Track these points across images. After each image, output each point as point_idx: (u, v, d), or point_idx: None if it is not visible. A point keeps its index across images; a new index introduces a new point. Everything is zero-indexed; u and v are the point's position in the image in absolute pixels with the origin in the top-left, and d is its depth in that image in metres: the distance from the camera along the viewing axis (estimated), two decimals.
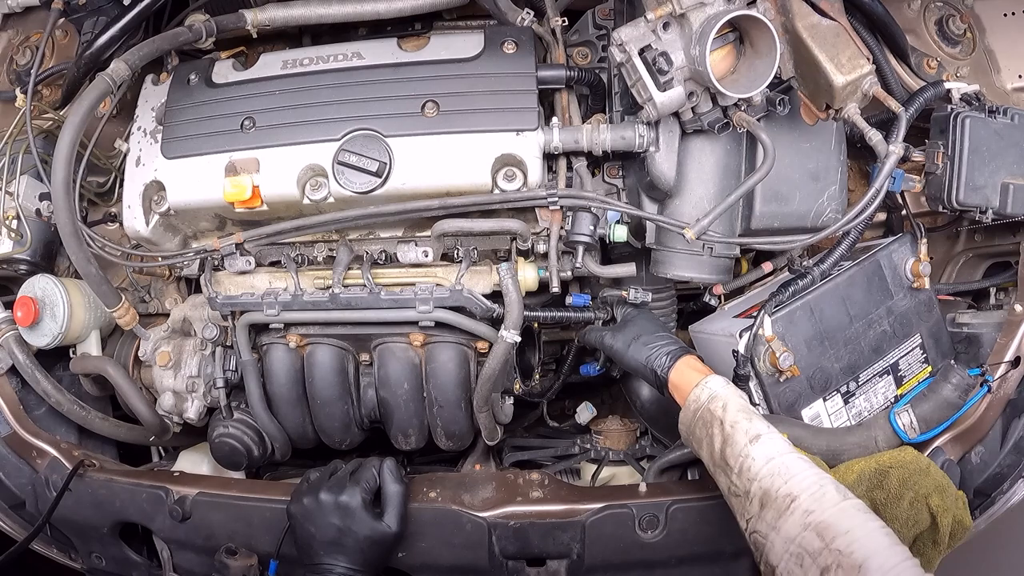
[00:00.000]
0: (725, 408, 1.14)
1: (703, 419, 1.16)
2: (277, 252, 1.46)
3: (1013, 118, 1.33)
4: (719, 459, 1.11)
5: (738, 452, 1.08)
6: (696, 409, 1.18)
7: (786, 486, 1.00)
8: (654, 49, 1.16)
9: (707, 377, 1.20)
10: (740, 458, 1.07)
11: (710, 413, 1.15)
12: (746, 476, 1.05)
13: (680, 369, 1.25)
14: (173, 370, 1.51)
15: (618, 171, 1.45)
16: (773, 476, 1.03)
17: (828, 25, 1.21)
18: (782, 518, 0.98)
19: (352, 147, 1.29)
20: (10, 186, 1.47)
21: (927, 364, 1.45)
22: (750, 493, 1.04)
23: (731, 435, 1.10)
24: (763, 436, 1.08)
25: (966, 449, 1.38)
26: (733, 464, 1.08)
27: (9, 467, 1.53)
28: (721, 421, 1.12)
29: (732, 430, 1.10)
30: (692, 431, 1.19)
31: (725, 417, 1.12)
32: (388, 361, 1.43)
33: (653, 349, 1.30)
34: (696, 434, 1.17)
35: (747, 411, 1.13)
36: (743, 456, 1.07)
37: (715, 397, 1.16)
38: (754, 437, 1.08)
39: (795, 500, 0.98)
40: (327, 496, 1.26)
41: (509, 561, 1.35)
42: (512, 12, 1.41)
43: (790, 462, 1.04)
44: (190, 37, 1.37)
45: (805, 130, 1.33)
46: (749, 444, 1.07)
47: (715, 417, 1.14)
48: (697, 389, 1.19)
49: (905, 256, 1.43)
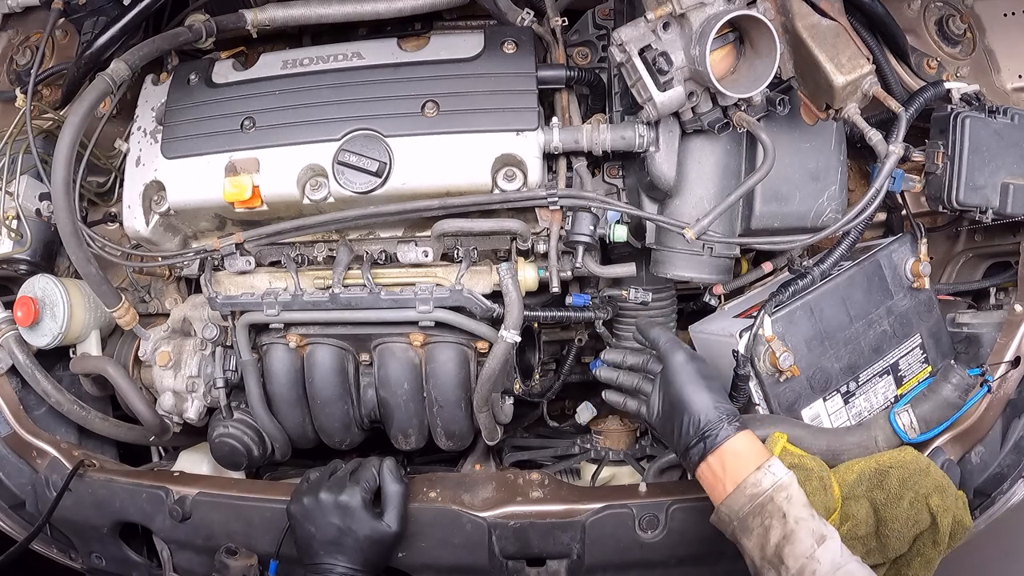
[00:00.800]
0: (790, 500, 1.04)
1: (761, 508, 1.05)
2: (277, 252, 1.46)
3: (1013, 118, 1.33)
4: (772, 555, 1.03)
5: (801, 552, 1.00)
6: (755, 495, 1.05)
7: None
8: (654, 49, 1.16)
9: (770, 460, 1.08)
10: (803, 559, 0.99)
11: (773, 503, 1.04)
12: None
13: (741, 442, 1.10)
14: (173, 370, 1.51)
15: (618, 171, 1.45)
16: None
17: (828, 25, 1.21)
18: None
19: (352, 147, 1.29)
20: (10, 186, 1.47)
21: (927, 364, 1.45)
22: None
23: (795, 532, 1.01)
24: (829, 538, 1.01)
25: (966, 449, 1.38)
26: (791, 564, 1.00)
27: (9, 467, 1.53)
28: (784, 515, 1.03)
29: (796, 527, 1.01)
30: (743, 519, 1.07)
31: (790, 511, 1.03)
32: (388, 361, 1.43)
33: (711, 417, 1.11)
34: (748, 524, 1.06)
35: (810, 507, 1.05)
36: (807, 558, 0.99)
37: (781, 487, 1.05)
38: (820, 538, 1.01)
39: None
40: (327, 496, 1.26)
41: (509, 561, 1.35)
42: (512, 12, 1.41)
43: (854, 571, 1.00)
44: (190, 37, 1.37)
45: (805, 130, 1.33)
46: (816, 545, 1.00)
47: (778, 508, 1.04)
48: (759, 473, 1.06)
49: (905, 256, 1.43)
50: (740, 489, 1.07)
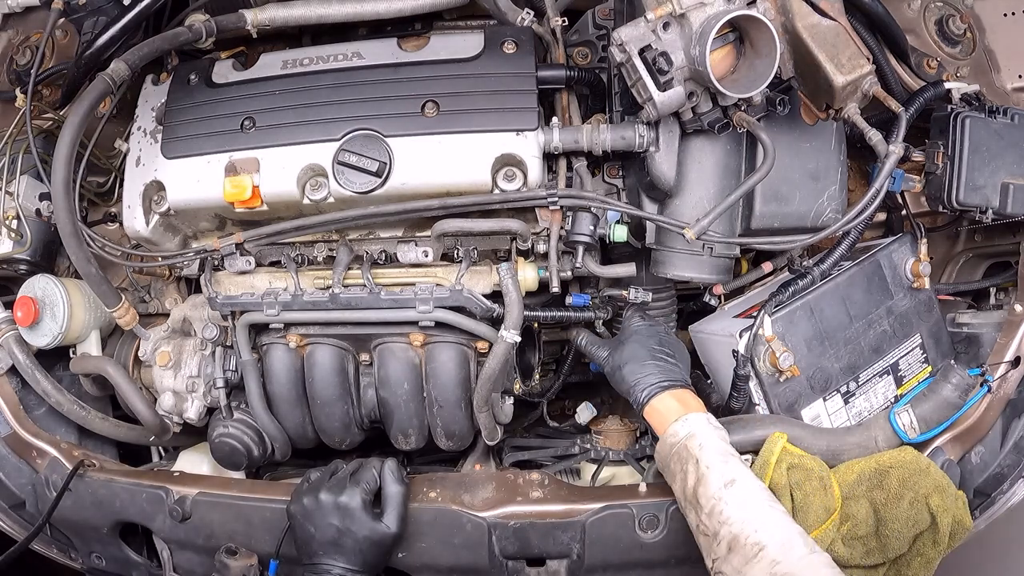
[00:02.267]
0: (702, 447, 1.15)
1: (678, 455, 1.17)
2: (277, 252, 1.46)
3: (1013, 118, 1.33)
4: (691, 496, 1.13)
5: (711, 494, 1.09)
6: (672, 444, 1.18)
7: (755, 534, 1.03)
8: (654, 49, 1.16)
9: (687, 414, 1.20)
10: (713, 500, 1.09)
11: (686, 450, 1.16)
12: (717, 519, 1.07)
13: (662, 401, 1.24)
14: (173, 370, 1.51)
15: (618, 171, 1.45)
16: (744, 523, 1.05)
17: (828, 25, 1.21)
18: (748, 565, 1.01)
19: (352, 147, 1.29)
20: (10, 186, 1.47)
21: (927, 364, 1.45)
22: (719, 536, 1.06)
23: (705, 475, 1.11)
24: (738, 481, 1.09)
25: (966, 449, 1.38)
26: (704, 504, 1.10)
27: (9, 467, 1.53)
28: (697, 460, 1.13)
29: (707, 471, 1.11)
30: (667, 464, 1.20)
31: (701, 456, 1.13)
32: (388, 361, 1.43)
33: (634, 380, 1.29)
34: (670, 467, 1.19)
35: (724, 453, 1.14)
36: (716, 499, 1.08)
37: (693, 435, 1.17)
38: (729, 481, 1.09)
39: (763, 549, 1.01)
40: (327, 496, 1.26)
41: (509, 561, 1.35)
42: (512, 12, 1.41)
43: (762, 511, 1.07)
44: (190, 37, 1.37)
45: (805, 130, 1.33)
46: (723, 488, 1.09)
47: (691, 455, 1.15)
48: (676, 424, 1.19)
49: (905, 256, 1.43)
50: (662, 439, 1.21)
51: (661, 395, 1.24)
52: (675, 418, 1.20)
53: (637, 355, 1.32)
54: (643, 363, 1.30)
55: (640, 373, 1.29)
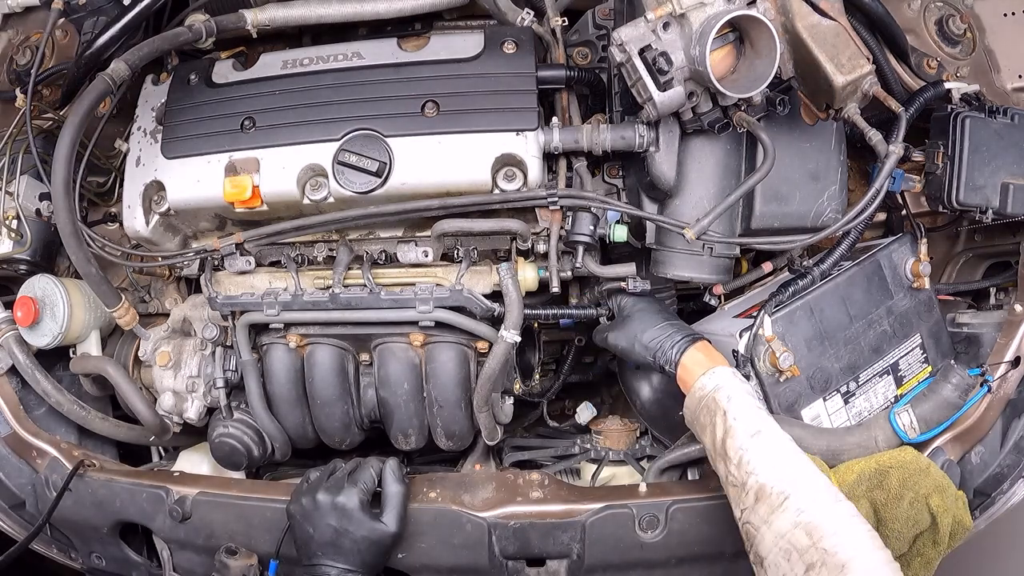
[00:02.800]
0: (730, 399, 1.15)
1: (707, 407, 1.17)
2: (277, 252, 1.46)
3: (1013, 118, 1.33)
4: (720, 448, 1.13)
5: (738, 445, 1.10)
6: (701, 397, 1.19)
7: (781, 483, 1.04)
8: (654, 49, 1.16)
9: (715, 367, 1.21)
10: (740, 451, 1.10)
11: (715, 402, 1.16)
12: (744, 469, 1.08)
13: (690, 355, 1.25)
14: (173, 370, 1.51)
15: (618, 171, 1.45)
16: (770, 472, 1.06)
17: (828, 25, 1.21)
18: (775, 514, 1.01)
19: (352, 147, 1.29)
20: (10, 186, 1.47)
21: (927, 364, 1.45)
22: (746, 486, 1.07)
23: (733, 427, 1.12)
24: (764, 432, 1.11)
25: (966, 449, 1.38)
26: (732, 455, 1.10)
27: (9, 467, 1.53)
28: (725, 412, 1.14)
29: (735, 423, 1.12)
30: (696, 417, 1.20)
31: (729, 408, 1.14)
32: (388, 361, 1.43)
33: (658, 343, 1.29)
34: (700, 420, 1.19)
35: (751, 405, 1.15)
36: (743, 449, 1.09)
37: (720, 387, 1.18)
38: (755, 432, 1.10)
39: (788, 498, 1.01)
40: (324, 496, 1.26)
41: (509, 561, 1.35)
42: (512, 12, 1.41)
43: (788, 460, 1.08)
44: (190, 37, 1.37)
45: (805, 130, 1.33)
46: (750, 438, 1.10)
47: (719, 407, 1.15)
48: (704, 377, 1.20)
49: (905, 256, 1.43)
50: (691, 393, 1.22)
51: (689, 349, 1.26)
52: (702, 371, 1.21)
53: (651, 321, 1.33)
54: (659, 326, 1.31)
55: (661, 335, 1.30)
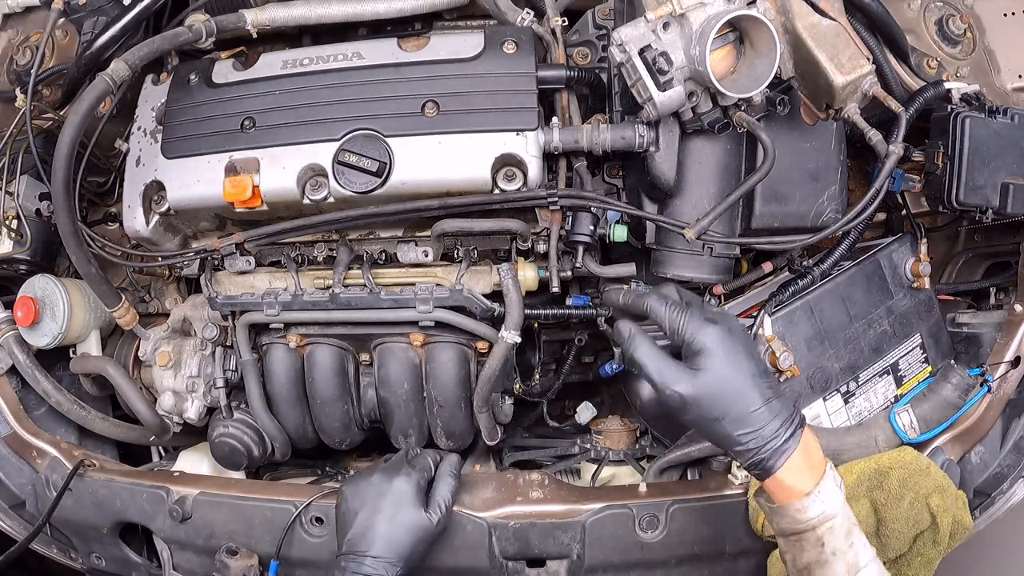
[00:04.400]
0: (832, 531, 1.00)
1: (801, 534, 1.02)
2: (277, 252, 1.46)
3: (1013, 118, 1.33)
4: (802, 569, 1.02)
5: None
6: (796, 520, 1.01)
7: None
8: (654, 49, 1.16)
9: (819, 485, 1.00)
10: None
11: (814, 533, 1.00)
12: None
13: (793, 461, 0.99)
14: (173, 370, 1.51)
15: (618, 171, 1.45)
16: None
17: (828, 25, 1.21)
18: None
19: (352, 147, 1.29)
20: (10, 186, 1.47)
21: (927, 364, 1.45)
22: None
23: (829, 562, 0.99)
24: (862, 571, 0.99)
25: (966, 449, 1.38)
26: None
27: (9, 467, 1.53)
28: (823, 544, 0.99)
29: (832, 558, 0.99)
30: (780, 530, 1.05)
31: (828, 541, 0.99)
32: (388, 361, 1.43)
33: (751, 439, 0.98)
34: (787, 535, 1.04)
35: (850, 535, 1.01)
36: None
37: (826, 518, 0.99)
38: (853, 570, 0.99)
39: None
40: (381, 477, 1.26)
41: (509, 562, 1.35)
42: (512, 12, 1.41)
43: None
44: (190, 37, 1.37)
45: (805, 130, 1.33)
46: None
47: (818, 538, 1.00)
48: (808, 500, 0.99)
49: (905, 256, 1.43)
50: (784, 509, 1.01)
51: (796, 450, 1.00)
52: (806, 489, 0.99)
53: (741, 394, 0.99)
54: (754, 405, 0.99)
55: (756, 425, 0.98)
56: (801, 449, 0.99)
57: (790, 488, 1.00)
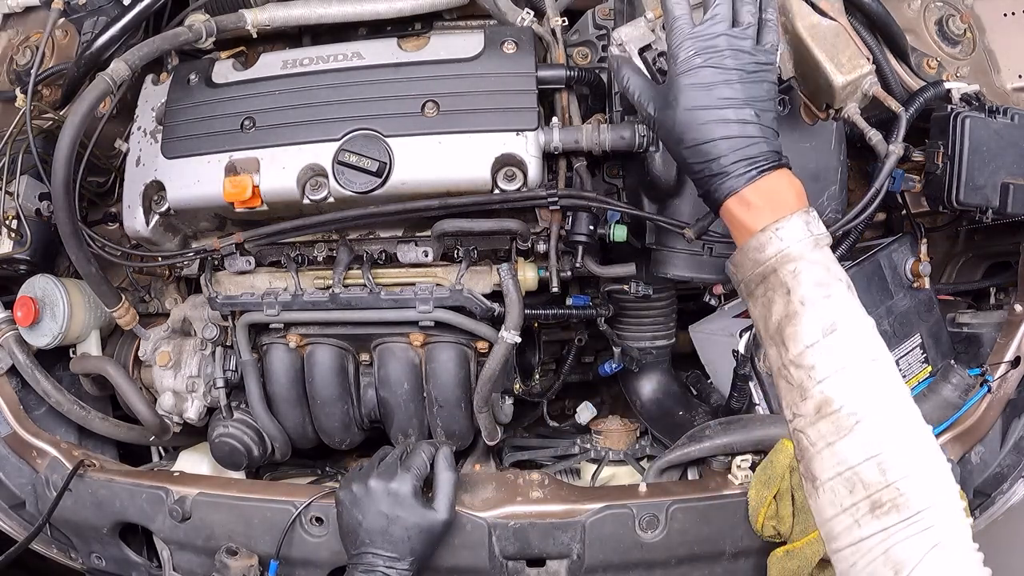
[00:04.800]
0: (797, 274, 0.88)
1: (763, 277, 0.91)
2: (277, 252, 1.46)
3: (1013, 118, 1.33)
4: (774, 331, 0.90)
5: (803, 338, 0.87)
6: (756, 261, 0.91)
7: (853, 403, 0.84)
8: (654, 49, 1.16)
9: (779, 220, 0.90)
10: (803, 346, 0.87)
11: (776, 276, 0.90)
12: (807, 371, 0.86)
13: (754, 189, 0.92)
14: (173, 370, 1.51)
15: (618, 171, 1.45)
16: (840, 385, 0.85)
17: (828, 25, 1.21)
18: (842, 438, 0.83)
19: (352, 147, 1.29)
20: (10, 186, 1.47)
21: (927, 364, 1.45)
22: (806, 391, 0.86)
23: (799, 314, 0.87)
24: (839, 328, 0.86)
25: (966, 449, 1.38)
26: (791, 348, 0.88)
27: (9, 467, 1.53)
28: (789, 291, 0.88)
29: (801, 308, 0.87)
30: (748, 284, 0.95)
31: (794, 287, 0.88)
32: (388, 361, 1.43)
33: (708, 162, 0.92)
34: (752, 290, 0.94)
35: (824, 283, 0.88)
36: (809, 346, 0.87)
37: (787, 258, 0.89)
38: (829, 327, 0.86)
39: (860, 423, 0.83)
40: (376, 482, 1.24)
41: (509, 562, 1.35)
42: (512, 12, 1.41)
43: (865, 372, 0.86)
44: (190, 37, 1.37)
45: (805, 130, 1.33)
46: (821, 334, 0.86)
47: (782, 283, 0.89)
48: (764, 235, 0.90)
49: (905, 256, 1.43)
50: (743, 250, 0.93)
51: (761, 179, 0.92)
52: (762, 224, 0.91)
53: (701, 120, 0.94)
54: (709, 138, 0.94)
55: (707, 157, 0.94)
56: (761, 187, 0.92)
57: (742, 223, 0.93)
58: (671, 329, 1.60)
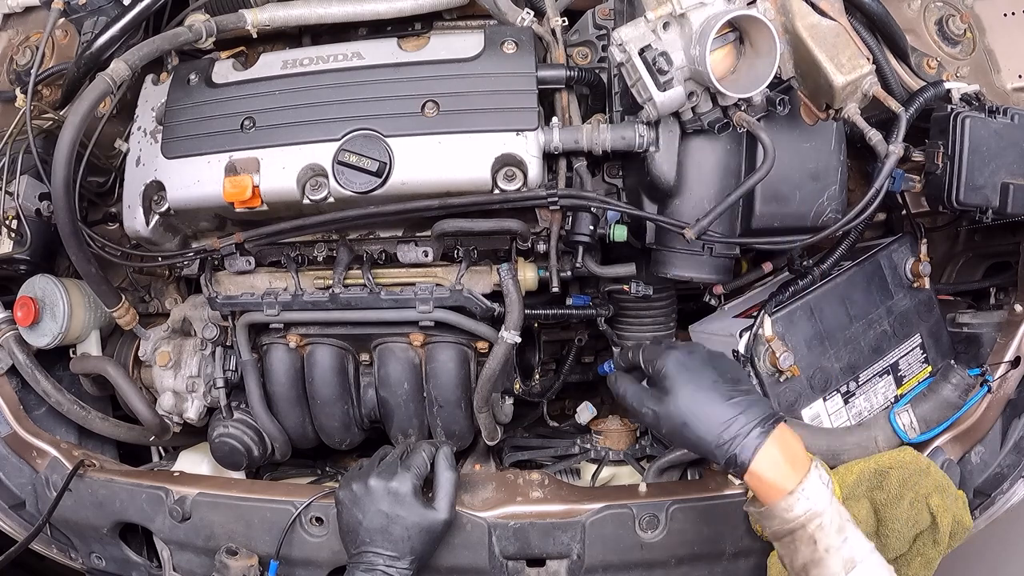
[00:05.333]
0: (822, 528, 1.01)
1: (791, 532, 1.03)
2: (277, 252, 1.46)
3: (1013, 118, 1.33)
4: (799, 569, 1.03)
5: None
6: (787, 520, 1.03)
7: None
8: (654, 49, 1.16)
9: (803, 481, 1.02)
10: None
11: (804, 531, 1.02)
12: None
13: (766, 457, 1.02)
14: (173, 370, 1.51)
15: (618, 171, 1.45)
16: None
17: (828, 25, 1.21)
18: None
19: (352, 147, 1.29)
20: (10, 186, 1.47)
21: (927, 364, 1.45)
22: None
23: (823, 560, 1.00)
24: (859, 566, 1.00)
25: (966, 449, 1.38)
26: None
27: (9, 467, 1.53)
28: (815, 541, 1.01)
29: (826, 555, 1.00)
30: (773, 532, 1.07)
31: (819, 538, 1.01)
32: (388, 361, 1.43)
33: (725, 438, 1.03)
34: (781, 539, 1.06)
35: (843, 530, 1.02)
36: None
37: (813, 515, 1.01)
38: (850, 564, 1.00)
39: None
40: (376, 482, 1.24)
41: (509, 562, 1.35)
42: (512, 12, 1.41)
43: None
44: (190, 37, 1.37)
45: (805, 130, 1.33)
46: (844, 573, 1.00)
47: (809, 536, 1.02)
48: (792, 498, 1.02)
49: (905, 256, 1.43)
50: (774, 510, 1.03)
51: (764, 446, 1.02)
52: (789, 487, 1.02)
53: (700, 399, 1.06)
54: (715, 407, 1.05)
55: (720, 423, 1.04)
56: (777, 444, 1.03)
57: (771, 484, 1.03)
58: (671, 329, 1.60)
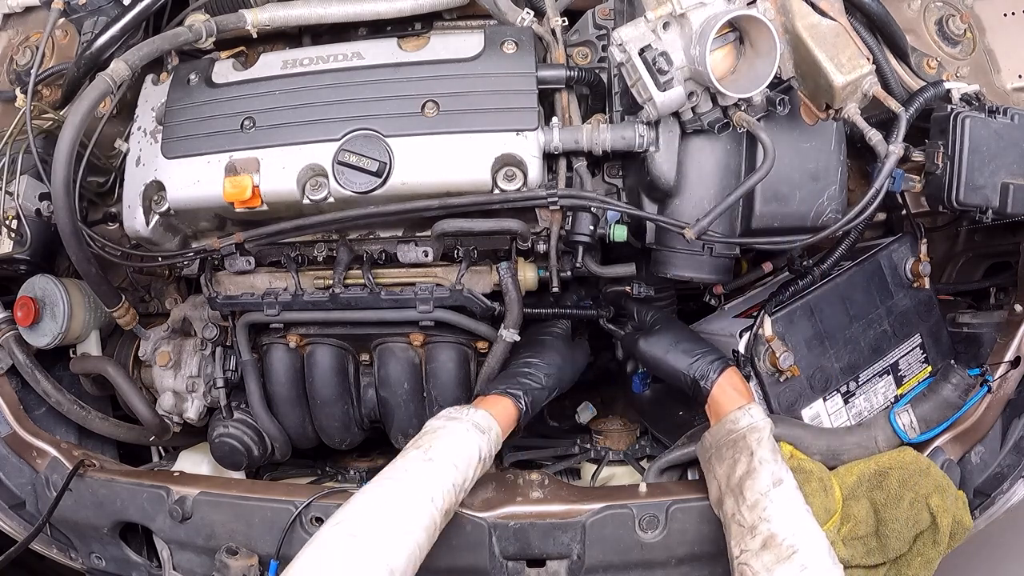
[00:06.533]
0: (760, 442, 1.17)
1: (734, 442, 1.19)
2: (277, 252, 1.46)
3: (1013, 118, 1.33)
4: (735, 485, 1.15)
5: (759, 488, 1.12)
6: (731, 431, 1.20)
7: (792, 537, 1.07)
8: (654, 49, 1.16)
9: (750, 404, 1.23)
10: (758, 495, 1.12)
11: (744, 440, 1.18)
12: (758, 514, 1.10)
13: (723, 386, 1.27)
14: (173, 370, 1.51)
15: (618, 171, 1.45)
16: (784, 524, 1.08)
17: (828, 25, 1.21)
18: (780, 564, 1.05)
19: (352, 147, 1.29)
20: (10, 186, 1.47)
21: (927, 364, 1.45)
22: (756, 530, 1.09)
23: (757, 470, 1.14)
24: (786, 483, 1.13)
25: (966, 449, 1.38)
26: (748, 496, 1.13)
27: (9, 467, 1.53)
28: (752, 452, 1.16)
29: (759, 466, 1.14)
30: (718, 448, 1.22)
31: (757, 451, 1.16)
32: (388, 361, 1.43)
33: (696, 357, 1.30)
34: (721, 453, 1.21)
35: (775, 451, 1.17)
36: (762, 495, 1.12)
37: (755, 428, 1.19)
38: (778, 481, 1.13)
39: (796, 553, 1.05)
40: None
41: (509, 562, 1.34)
42: (512, 12, 1.41)
43: (800, 516, 1.11)
44: (190, 37, 1.37)
45: (805, 130, 1.33)
46: (773, 487, 1.12)
47: (747, 446, 1.17)
48: (739, 412, 1.21)
49: (905, 256, 1.43)
50: (721, 423, 1.23)
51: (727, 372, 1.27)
52: (736, 405, 1.23)
53: (685, 335, 1.35)
54: (694, 341, 1.33)
55: (698, 350, 1.31)
56: (734, 375, 1.27)
57: (723, 405, 1.25)
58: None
